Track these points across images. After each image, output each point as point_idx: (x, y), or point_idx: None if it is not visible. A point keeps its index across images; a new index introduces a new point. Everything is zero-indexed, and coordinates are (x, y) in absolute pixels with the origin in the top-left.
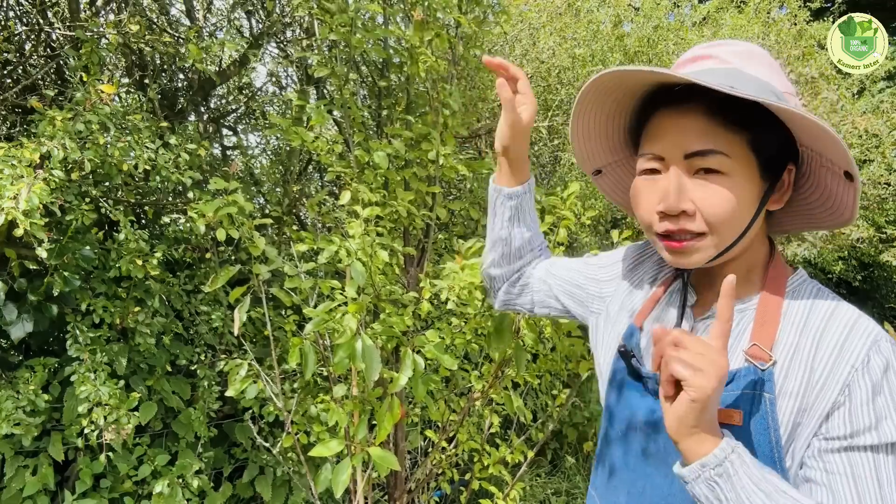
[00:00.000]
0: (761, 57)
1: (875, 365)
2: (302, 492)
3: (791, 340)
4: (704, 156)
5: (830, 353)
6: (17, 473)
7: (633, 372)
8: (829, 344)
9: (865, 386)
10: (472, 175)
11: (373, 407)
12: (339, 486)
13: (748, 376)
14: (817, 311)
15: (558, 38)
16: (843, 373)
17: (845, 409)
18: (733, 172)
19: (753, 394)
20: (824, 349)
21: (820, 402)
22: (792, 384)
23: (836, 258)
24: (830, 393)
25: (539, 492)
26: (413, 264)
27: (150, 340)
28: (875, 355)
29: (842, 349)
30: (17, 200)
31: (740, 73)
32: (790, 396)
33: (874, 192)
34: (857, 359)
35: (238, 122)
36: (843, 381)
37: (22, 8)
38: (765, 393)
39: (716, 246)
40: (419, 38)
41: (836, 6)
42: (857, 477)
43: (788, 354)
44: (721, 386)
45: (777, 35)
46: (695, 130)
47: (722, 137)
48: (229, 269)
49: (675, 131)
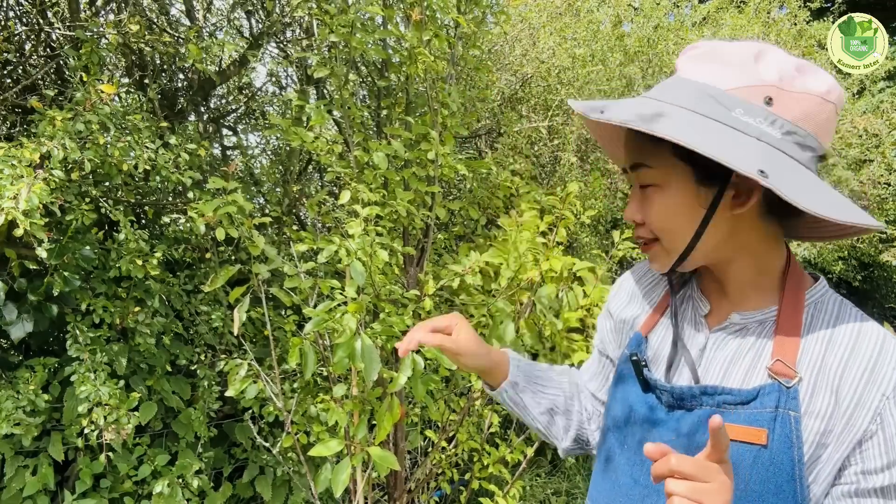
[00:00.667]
0: (722, 54)
1: None
2: (302, 492)
3: (816, 356)
4: (636, 169)
5: (860, 377)
6: (17, 473)
7: (643, 381)
8: (858, 367)
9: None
10: (471, 175)
11: (372, 407)
12: (339, 486)
13: (772, 393)
14: (843, 328)
15: (558, 38)
16: (874, 400)
17: (879, 440)
18: (666, 183)
19: (777, 412)
20: (853, 371)
21: (850, 429)
22: (819, 404)
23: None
24: (861, 420)
25: (539, 492)
26: (413, 264)
27: (150, 340)
28: None
29: (872, 373)
30: (17, 200)
31: (673, 86)
32: (816, 417)
33: (874, 192)
34: (889, 386)
35: (238, 122)
36: (875, 409)
37: (22, 8)
38: (790, 411)
39: (668, 253)
40: (418, 38)
41: (836, 6)
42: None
43: (814, 372)
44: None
45: (777, 35)
46: (628, 145)
47: (647, 150)
48: (229, 269)
49: (622, 146)
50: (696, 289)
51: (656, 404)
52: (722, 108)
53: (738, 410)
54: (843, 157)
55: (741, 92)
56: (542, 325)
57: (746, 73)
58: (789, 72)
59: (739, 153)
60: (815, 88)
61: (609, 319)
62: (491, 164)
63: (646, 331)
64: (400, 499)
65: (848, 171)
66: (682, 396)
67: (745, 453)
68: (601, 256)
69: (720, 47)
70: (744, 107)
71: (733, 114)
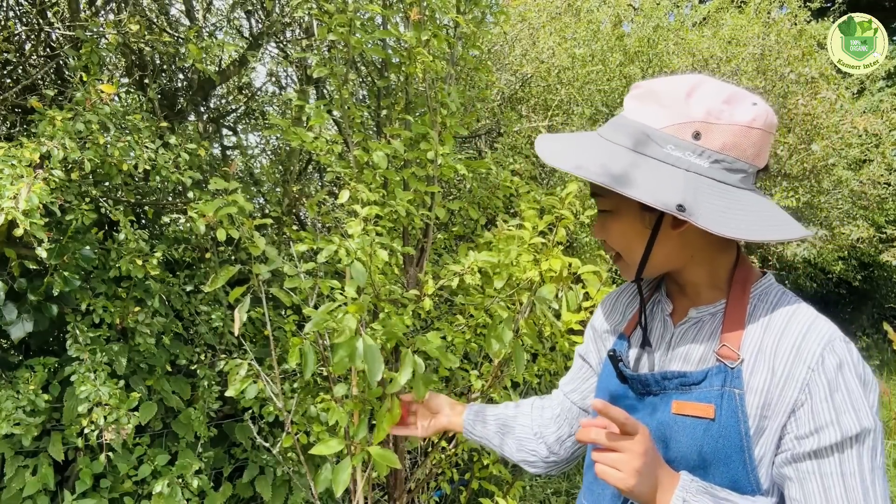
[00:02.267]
0: (658, 95)
1: (829, 364)
2: (302, 492)
3: (756, 340)
4: (594, 198)
5: (789, 353)
6: (17, 473)
7: (619, 374)
8: (787, 345)
9: (822, 384)
10: (471, 175)
11: (373, 406)
12: (339, 486)
13: (719, 374)
14: (779, 313)
15: (558, 38)
16: (801, 373)
17: (808, 407)
18: (617, 210)
19: (723, 390)
20: (784, 349)
21: (783, 400)
22: (758, 381)
23: (836, 258)
24: (791, 391)
25: (539, 492)
26: (412, 264)
27: (149, 340)
28: (829, 355)
29: (799, 350)
30: (17, 200)
31: (620, 126)
32: (757, 392)
33: (874, 192)
34: (813, 359)
35: (238, 122)
36: (802, 380)
37: (22, 8)
38: (734, 389)
39: (629, 266)
40: (417, 38)
41: (836, 6)
42: (823, 475)
43: (754, 353)
44: (645, 472)
45: (777, 35)
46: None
47: (599, 185)
48: (229, 269)
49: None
50: (662, 292)
51: (630, 393)
52: (656, 145)
53: (693, 390)
54: (843, 157)
55: (672, 129)
56: (541, 325)
57: (677, 112)
58: (716, 106)
59: (666, 187)
60: (740, 119)
61: (592, 329)
62: (491, 164)
63: (628, 332)
64: (400, 499)
65: (848, 171)
66: (647, 382)
67: (698, 426)
68: (601, 257)
69: (657, 87)
70: (674, 142)
71: (665, 150)
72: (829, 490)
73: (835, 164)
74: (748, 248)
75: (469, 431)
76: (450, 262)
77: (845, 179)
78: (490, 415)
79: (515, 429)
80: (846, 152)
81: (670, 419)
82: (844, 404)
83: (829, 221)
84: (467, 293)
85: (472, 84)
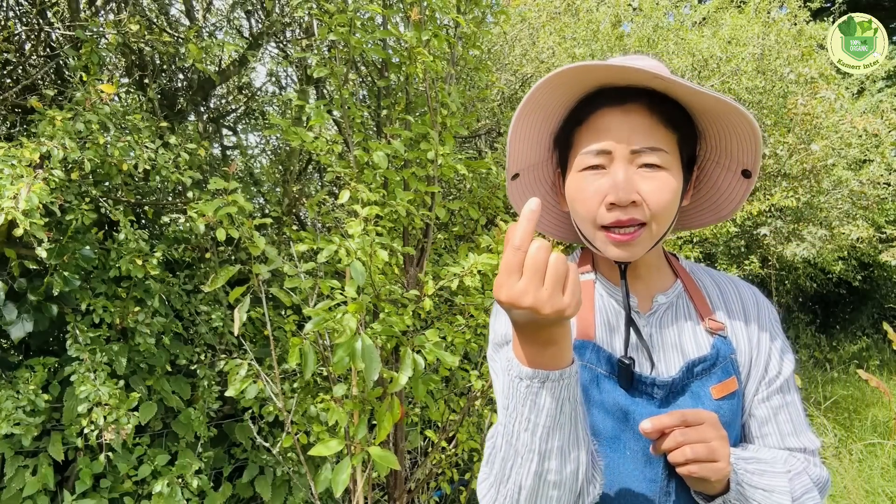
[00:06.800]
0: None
1: (774, 311)
2: (301, 492)
3: (721, 306)
4: (650, 152)
5: (753, 309)
6: (17, 473)
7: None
8: (749, 303)
9: (777, 330)
10: (471, 175)
11: (373, 407)
12: (339, 486)
13: (722, 346)
14: (719, 280)
15: (558, 38)
16: (767, 323)
17: (773, 352)
18: (670, 167)
19: (729, 359)
20: (750, 309)
21: (762, 353)
22: (740, 342)
23: (836, 258)
24: (765, 343)
25: None
26: (413, 264)
27: (149, 340)
28: (769, 303)
29: (758, 305)
30: (17, 200)
31: (638, 59)
32: (742, 352)
33: (874, 192)
34: (771, 310)
35: (238, 122)
36: (770, 330)
37: (22, 8)
38: (731, 354)
39: (652, 237)
40: (417, 38)
41: (836, 6)
42: (787, 403)
43: (726, 319)
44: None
45: (777, 35)
46: (641, 128)
47: (662, 135)
48: (229, 269)
49: (621, 128)
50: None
51: (649, 401)
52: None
53: (713, 371)
54: (843, 157)
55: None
56: None
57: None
58: None
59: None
60: None
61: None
62: (491, 164)
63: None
64: (400, 499)
65: (848, 171)
66: (674, 383)
67: (734, 400)
68: None
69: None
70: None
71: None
72: (793, 414)
73: (834, 164)
74: (748, 249)
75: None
76: (450, 262)
77: (845, 179)
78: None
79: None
80: (846, 152)
81: (715, 406)
82: (784, 341)
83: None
84: (467, 294)
85: (473, 84)
